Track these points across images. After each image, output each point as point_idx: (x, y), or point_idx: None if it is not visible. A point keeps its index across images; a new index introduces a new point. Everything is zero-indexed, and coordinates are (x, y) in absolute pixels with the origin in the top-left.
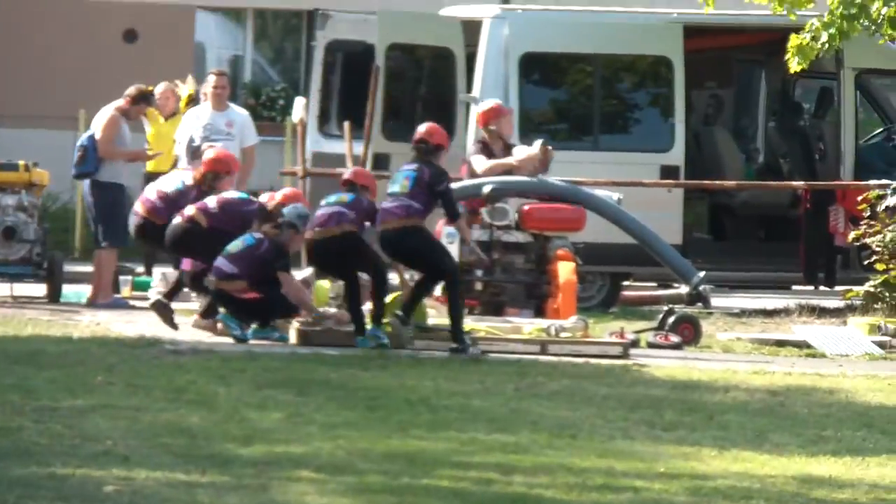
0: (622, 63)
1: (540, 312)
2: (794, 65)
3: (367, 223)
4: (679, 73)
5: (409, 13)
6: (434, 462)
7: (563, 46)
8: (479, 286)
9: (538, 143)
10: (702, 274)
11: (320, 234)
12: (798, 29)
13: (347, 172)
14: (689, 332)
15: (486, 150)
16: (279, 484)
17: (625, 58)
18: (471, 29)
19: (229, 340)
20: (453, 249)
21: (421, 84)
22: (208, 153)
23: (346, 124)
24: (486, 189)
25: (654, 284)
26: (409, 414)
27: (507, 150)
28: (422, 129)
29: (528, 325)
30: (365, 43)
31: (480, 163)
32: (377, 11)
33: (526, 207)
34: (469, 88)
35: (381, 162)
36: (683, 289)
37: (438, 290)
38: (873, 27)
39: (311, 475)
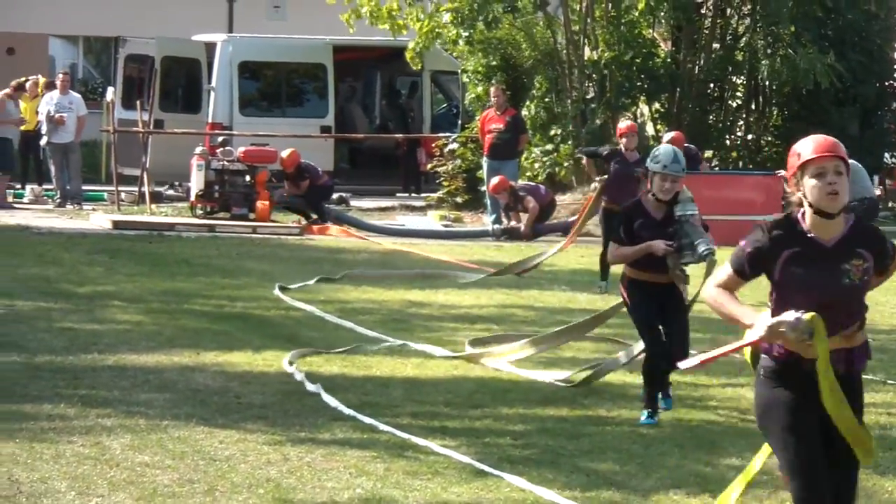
0: (299, 67)
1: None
2: (416, 64)
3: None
4: (330, 73)
5: (174, 38)
6: (190, 295)
7: (263, 57)
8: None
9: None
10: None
11: None
12: (399, 47)
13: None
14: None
15: None
16: (100, 308)
17: (299, 65)
18: (210, 48)
19: (73, 224)
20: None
21: (182, 79)
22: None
23: (138, 102)
24: None
25: None
26: (175, 268)
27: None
28: None
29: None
30: (149, 56)
31: None
32: (155, 37)
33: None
34: (210, 81)
35: (157, 124)
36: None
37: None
38: (445, 45)
39: (118, 303)
